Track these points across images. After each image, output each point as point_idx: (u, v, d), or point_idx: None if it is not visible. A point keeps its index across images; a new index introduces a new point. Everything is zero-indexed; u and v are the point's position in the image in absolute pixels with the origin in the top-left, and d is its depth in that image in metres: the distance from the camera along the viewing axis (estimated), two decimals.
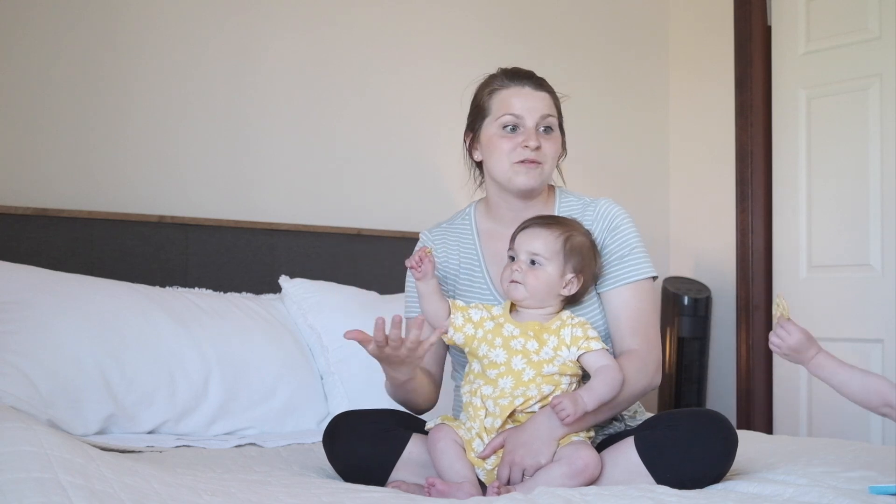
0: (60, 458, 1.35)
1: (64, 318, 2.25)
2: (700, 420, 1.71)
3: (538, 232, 1.80)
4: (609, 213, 1.94)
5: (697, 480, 1.65)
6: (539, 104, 1.93)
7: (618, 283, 1.89)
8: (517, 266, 1.79)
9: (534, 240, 1.80)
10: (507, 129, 1.91)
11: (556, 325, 1.78)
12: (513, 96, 1.93)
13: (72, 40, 2.70)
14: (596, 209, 1.95)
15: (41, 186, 2.63)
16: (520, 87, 1.94)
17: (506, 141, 1.91)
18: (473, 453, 1.71)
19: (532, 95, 1.93)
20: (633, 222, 1.95)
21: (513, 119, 1.91)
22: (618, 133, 3.92)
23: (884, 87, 3.38)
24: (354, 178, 3.21)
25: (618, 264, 1.90)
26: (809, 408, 3.54)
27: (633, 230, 1.93)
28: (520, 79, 1.95)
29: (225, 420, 2.36)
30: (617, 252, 1.90)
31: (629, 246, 1.91)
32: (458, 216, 2.07)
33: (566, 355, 1.75)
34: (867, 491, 1.57)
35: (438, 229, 2.06)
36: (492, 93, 1.95)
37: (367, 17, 3.26)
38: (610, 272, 1.90)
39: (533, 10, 3.69)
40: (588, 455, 1.67)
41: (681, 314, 3.65)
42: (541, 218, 1.86)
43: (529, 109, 1.91)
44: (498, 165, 1.92)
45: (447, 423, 1.76)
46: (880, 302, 3.38)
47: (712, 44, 3.90)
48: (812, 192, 3.59)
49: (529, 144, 1.89)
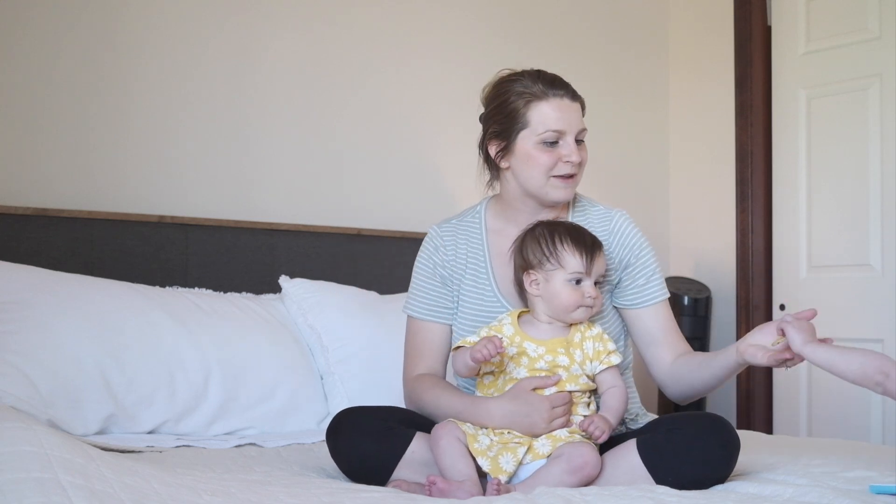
0: (60, 458, 1.35)
1: (64, 318, 2.24)
2: (702, 424, 1.71)
3: (602, 255, 1.86)
4: (627, 231, 1.98)
5: (698, 484, 1.65)
6: (577, 117, 1.93)
7: (651, 301, 1.96)
8: (590, 291, 1.82)
9: (602, 263, 1.85)
10: (547, 143, 1.90)
11: (578, 339, 1.83)
12: (554, 110, 1.89)
13: (72, 40, 2.70)
14: (612, 223, 1.98)
15: (41, 186, 2.63)
16: (559, 99, 1.90)
17: (546, 156, 1.89)
18: (476, 444, 1.71)
19: (570, 108, 1.91)
20: (649, 242, 2.01)
21: (555, 135, 1.89)
22: (618, 133, 3.92)
23: (884, 87, 3.39)
24: (354, 178, 3.21)
25: (646, 284, 1.96)
26: (809, 408, 3.54)
27: (652, 251, 2.00)
28: (553, 85, 1.91)
29: (225, 420, 2.36)
30: (643, 271, 1.96)
31: (652, 267, 1.98)
32: (469, 213, 2.07)
33: (589, 369, 1.81)
34: (867, 491, 1.57)
35: (448, 225, 2.05)
36: (528, 102, 1.90)
37: (368, 17, 3.26)
38: (641, 291, 1.96)
39: (533, 10, 3.69)
40: (587, 453, 1.68)
41: (681, 314, 3.65)
42: (592, 237, 1.88)
43: (570, 124, 1.90)
44: (534, 179, 1.91)
45: (462, 427, 1.76)
46: (880, 302, 3.38)
47: (712, 44, 3.90)
48: (812, 192, 3.59)
49: (573, 160, 1.90)
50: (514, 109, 1.90)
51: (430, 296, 2.00)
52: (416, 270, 2.04)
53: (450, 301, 1.99)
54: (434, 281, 2.00)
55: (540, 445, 1.71)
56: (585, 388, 1.80)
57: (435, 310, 1.99)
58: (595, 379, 1.82)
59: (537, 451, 1.71)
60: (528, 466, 1.71)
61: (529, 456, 1.71)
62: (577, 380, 1.79)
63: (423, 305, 2.00)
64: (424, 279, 2.01)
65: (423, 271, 2.02)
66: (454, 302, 1.98)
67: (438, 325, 1.98)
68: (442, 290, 1.99)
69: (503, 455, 1.69)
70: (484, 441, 1.72)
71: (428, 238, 2.04)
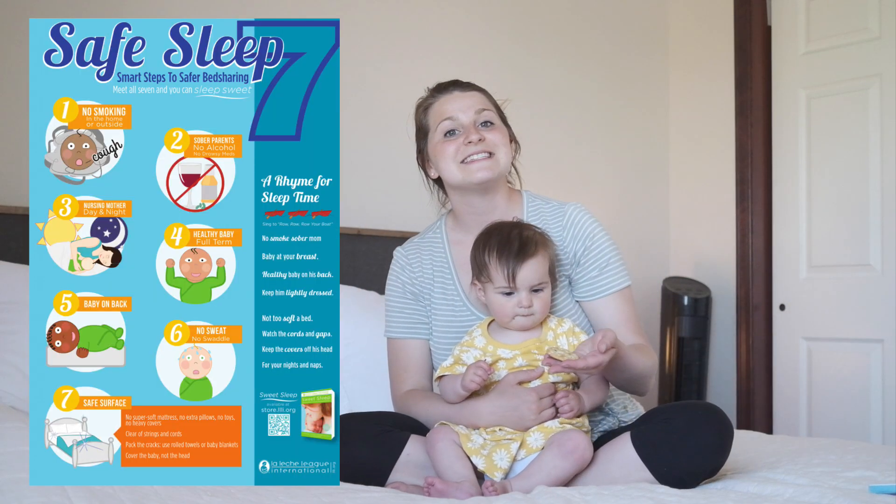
0: None
1: None
2: (695, 413, 1.72)
3: (531, 264, 1.80)
4: (579, 221, 1.96)
5: (694, 472, 1.66)
6: (470, 101, 1.96)
7: (605, 292, 1.93)
8: (523, 301, 1.79)
9: (531, 273, 1.80)
10: (447, 135, 1.95)
11: (551, 337, 1.82)
12: (444, 104, 1.97)
13: None
14: (565, 216, 1.97)
15: None
16: (448, 95, 1.98)
17: (448, 145, 1.94)
18: (470, 443, 1.72)
19: (461, 96, 1.97)
20: (605, 230, 1.98)
21: (450, 123, 1.95)
22: (618, 133, 3.92)
23: (884, 87, 3.39)
24: (354, 178, 3.21)
25: (599, 275, 1.93)
26: (809, 408, 3.54)
27: (607, 239, 1.97)
28: (445, 87, 2.00)
29: None
30: (596, 262, 1.94)
31: (607, 256, 1.94)
32: (430, 229, 2.10)
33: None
34: (867, 491, 1.57)
35: (411, 244, 2.08)
36: (426, 110, 2.01)
37: (368, 16, 3.26)
38: (594, 283, 1.94)
39: (533, 10, 3.69)
40: (578, 437, 1.69)
41: (681, 314, 3.65)
42: (521, 244, 1.81)
43: (461, 108, 1.95)
44: (449, 171, 1.94)
45: (445, 423, 1.77)
46: (880, 302, 3.38)
47: (712, 44, 3.90)
48: (812, 192, 3.59)
49: (472, 139, 1.91)
50: (419, 121, 2.03)
51: (405, 313, 2.02)
52: (388, 292, 2.06)
53: (425, 317, 2.01)
54: (406, 299, 2.02)
55: (533, 440, 1.72)
56: (568, 378, 1.79)
57: (413, 327, 2.01)
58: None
59: (531, 446, 1.71)
60: (523, 462, 1.71)
61: (524, 451, 1.71)
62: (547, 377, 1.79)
63: (400, 325, 2.02)
64: (397, 299, 2.04)
65: (394, 291, 2.05)
66: (429, 317, 2.00)
67: (418, 342, 2.00)
68: (416, 307, 2.01)
69: (497, 452, 1.69)
70: (477, 440, 1.73)
71: (394, 260, 2.08)
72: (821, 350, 3.54)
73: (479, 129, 1.93)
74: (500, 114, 2.02)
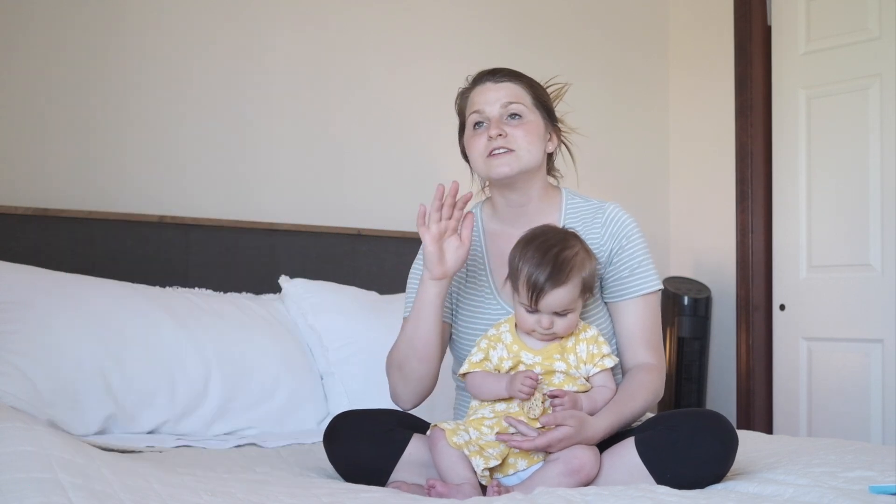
0: (60, 458, 1.35)
1: (64, 319, 2.24)
2: (700, 420, 1.71)
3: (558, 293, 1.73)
4: (618, 220, 1.94)
5: (698, 480, 1.65)
6: (498, 94, 1.94)
7: (629, 294, 1.90)
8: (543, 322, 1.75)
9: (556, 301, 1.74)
10: (475, 126, 1.95)
11: (572, 343, 1.79)
12: (476, 95, 1.96)
13: (72, 40, 2.70)
14: (605, 215, 1.94)
15: (41, 186, 2.63)
16: (481, 86, 1.97)
17: (475, 138, 1.94)
18: (456, 437, 1.70)
19: (492, 88, 1.95)
20: (641, 232, 1.95)
21: (477, 115, 1.94)
22: (618, 133, 3.92)
23: (884, 87, 3.39)
24: (354, 178, 3.21)
25: (629, 276, 1.91)
26: (809, 408, 3.54)
27: (642, 241, 1.94)
28: (480, 78, 1.99)
29: (225, 420, 2.36)
30: (628, 263, 1.91)
31: (639, 258, 1.92)
32: None
33: (583, 371, 1.79)
34: (867, 491, 1.57)
35: None
36: (463, 99, 2.01)
37: (368, 16, 3.26)
38: (623, 283, 1.91)
39: (533, 10, 3.69)
40: (584, 455, 1.67)
41: (681, 314, 3.65)
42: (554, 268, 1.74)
43: (488, 102, 1.93)
44: (475, 163, 1.95)
45: (442, 425, 1.74)
46: (880, 302, 3.38)
47: (712, 44, 3.90)
48: (812, 192, 3.59)
49: (491, 134, 1.90)
50: (459, 109, 2.03)
51: None
52: (412, 274, 2.04)
53: (447, 300, 1.97)
54: None
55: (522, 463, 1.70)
56: (584, 389, 1.79)
57: None
58: (589, 381, 1.80)
59: (533, 457, 1.70)
60: (527, 472, 1.70)
61: (525, 462, 1.70)
62: (576, 381, 1.78)
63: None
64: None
65: (418, 273, 2.01)
66: (451, 301, 1.98)
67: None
68: None
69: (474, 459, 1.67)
70: (463, 436, 1.70)
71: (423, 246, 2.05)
72: (821, 350, 3.54)
73: (504, 122, 1.91)
74: (541, 105, 1.98)
